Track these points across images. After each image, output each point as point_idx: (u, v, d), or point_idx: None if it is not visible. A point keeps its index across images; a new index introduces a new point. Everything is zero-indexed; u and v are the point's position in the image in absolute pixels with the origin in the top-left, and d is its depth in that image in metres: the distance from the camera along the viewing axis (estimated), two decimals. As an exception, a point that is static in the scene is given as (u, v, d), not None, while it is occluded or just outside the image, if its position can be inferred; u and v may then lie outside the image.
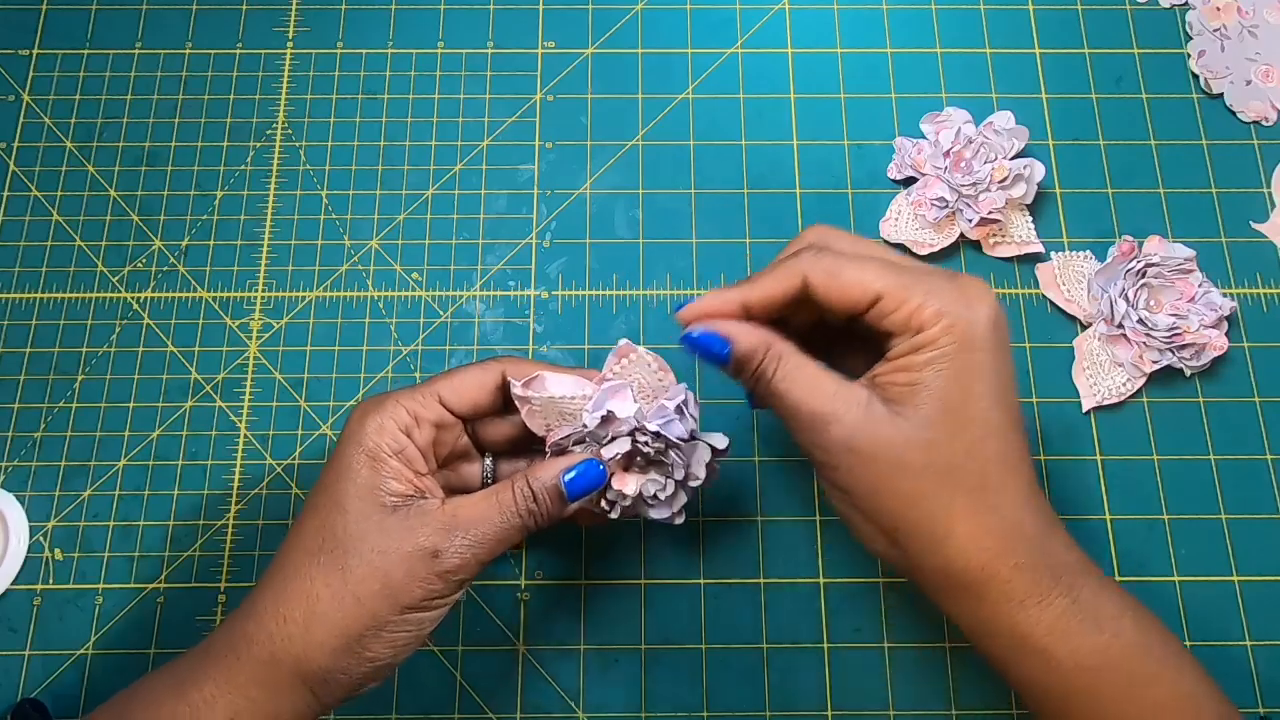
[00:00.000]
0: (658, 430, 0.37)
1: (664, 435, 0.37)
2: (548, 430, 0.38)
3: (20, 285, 0.50)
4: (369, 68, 0.54)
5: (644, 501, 0.39)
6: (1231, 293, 0.49)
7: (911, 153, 0.51)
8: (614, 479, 0.38)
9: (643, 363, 0.38)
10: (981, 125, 0.50)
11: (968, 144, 0.49)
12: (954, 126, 0.50)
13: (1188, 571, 0.45)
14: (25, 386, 0.48)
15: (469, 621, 0.45)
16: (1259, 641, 0.44)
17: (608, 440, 0.37)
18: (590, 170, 0.52)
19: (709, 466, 0.39)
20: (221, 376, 0.49)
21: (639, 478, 0.38)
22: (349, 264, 0.51)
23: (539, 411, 0.38)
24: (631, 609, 0.45)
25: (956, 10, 0.55)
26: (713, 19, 0.55)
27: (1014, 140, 0.49)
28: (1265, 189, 0.51)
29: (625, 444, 0.37)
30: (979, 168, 0.49)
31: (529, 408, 0.38)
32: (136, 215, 0.51)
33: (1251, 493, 0.46)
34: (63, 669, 0.44)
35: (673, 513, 0.39)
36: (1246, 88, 0.53)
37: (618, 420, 0.37)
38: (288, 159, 0.52)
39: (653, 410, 0.38)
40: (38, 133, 0.53)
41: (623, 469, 0.38)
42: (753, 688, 0.44)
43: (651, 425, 0.37)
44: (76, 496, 0.47)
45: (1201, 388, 0.48)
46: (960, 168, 0.49)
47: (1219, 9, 0.54)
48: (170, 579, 0.45)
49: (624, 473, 0.38)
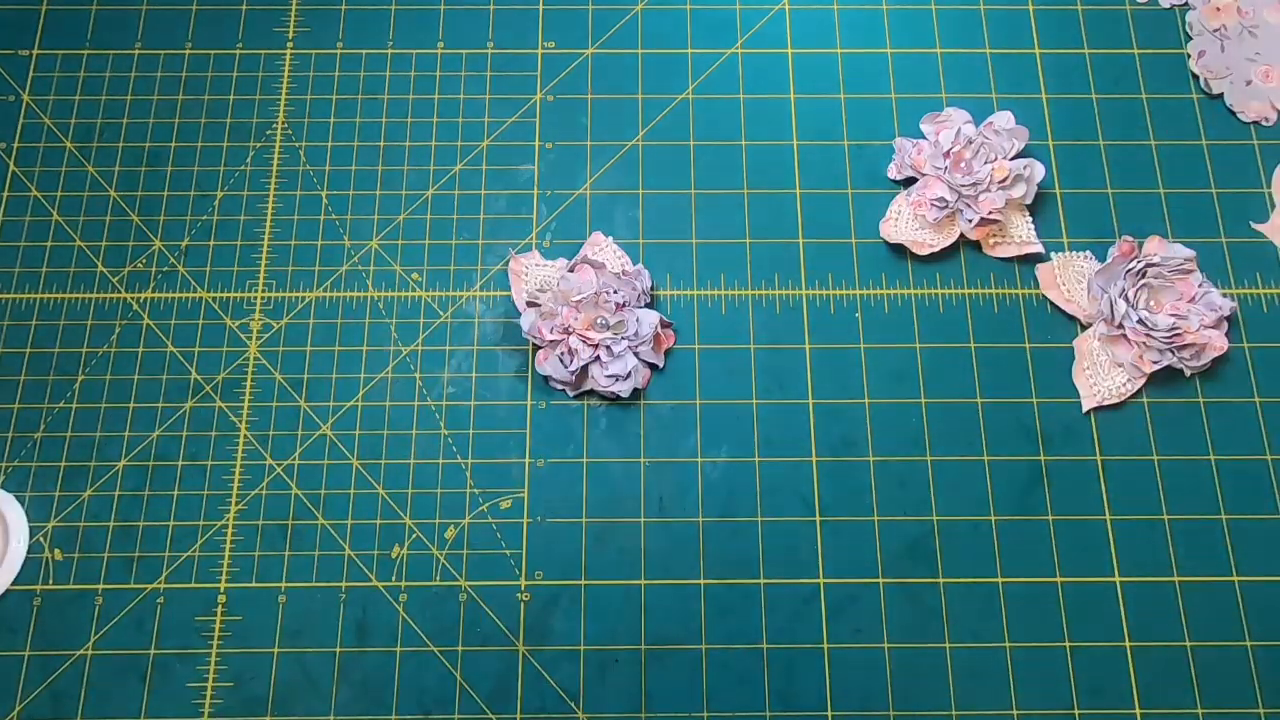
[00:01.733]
0: (617, 288, 0.46)
1: (620, 290, 0.46)
2: (525, 299, 0.47)
3: (20, 285, 0.50)
4: (369, 68, 0.54)
5: (599, 359, 0.46)
6: (1231, 293, 0.49)
7: (911, 153, 0.51)
8: (578, 332, 0.46)
9: (610, 247, 0.49)
10: (981, 125, 0.50)
11: (968, 144, 0.49)
12: (954, 127, 0.50)
13: (1188, 571, 0.45)
14: (25, 386, 0.48)
15: (469, 621, 0.45)
16: (1259, 642, 0.44)
17: (576, 297, 0.46)
18: (590, 170, 0.52)
19: (656, 335, 0.47)
20: (221, 376, 0.49)
21: (600, 333, 0.46)
22: (349, 264, 0.51)
23: (526, 281, 0.47)
24: (631, 609, 0.45)
25: (956, 10, 0.55)
26: (713, 19, 0.55)
27: (1014, 140, 0.49)
28: (1265, 189, 0.51)
29: (590, 288, 0.46)
30: (979, 168, 0.49)
31: (517, 279, 0.46)
32: (136, 215, 0.51)
33: (1251, 493, 0.46)
34: (63, 669, 0.44)
35: (620, 375, 0.46)
36: (1246, 88, 0.53)
37: (586, 274, 0.47)
38: (288, 159, 0.52)
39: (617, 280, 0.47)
40: (38, 133, 0.53)
41: (589, 325, 0.47)
42: (753, 688, 0.44)
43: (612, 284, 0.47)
44: (76, 496, 0.47)
45: (1201, 388, 0.48)
46: (960, 168, 0.49)
47: (1219, 9, 0.54)
48: (170, 579, 0.45)
49: (589, 328, 0.46)
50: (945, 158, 0.50)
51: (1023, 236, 0.50)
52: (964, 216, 0.49)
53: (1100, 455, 0.47)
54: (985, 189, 0.48)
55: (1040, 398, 0.48)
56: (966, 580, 0.45)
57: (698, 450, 0.47)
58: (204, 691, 0.44)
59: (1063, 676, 0.44)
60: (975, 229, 0.49)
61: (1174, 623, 0.44)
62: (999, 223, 0.49)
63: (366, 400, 0.48)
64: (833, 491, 0.46)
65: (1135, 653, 0.44)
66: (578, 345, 0.46)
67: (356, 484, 0.47)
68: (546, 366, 0.47)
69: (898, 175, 0.51)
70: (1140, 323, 0.46)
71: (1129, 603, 0.45)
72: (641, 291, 0.48)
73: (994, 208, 0.48)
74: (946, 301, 0.50)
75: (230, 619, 0.45)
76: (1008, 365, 0.48)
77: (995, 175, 0.48)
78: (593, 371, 0.47)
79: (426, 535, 0.46)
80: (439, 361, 0.49)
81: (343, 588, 0.45)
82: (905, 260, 0.50)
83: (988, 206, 0.48)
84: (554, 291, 0.47)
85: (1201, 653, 0.44)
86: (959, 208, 0.49)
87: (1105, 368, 0.48)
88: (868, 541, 0.46)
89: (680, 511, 0.46)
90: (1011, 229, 0.50)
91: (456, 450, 0.47)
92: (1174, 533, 0.46)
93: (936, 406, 0.48)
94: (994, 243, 0.50)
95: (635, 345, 0.47)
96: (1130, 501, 0.46)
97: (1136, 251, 0.48)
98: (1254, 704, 0.43)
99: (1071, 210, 0.51)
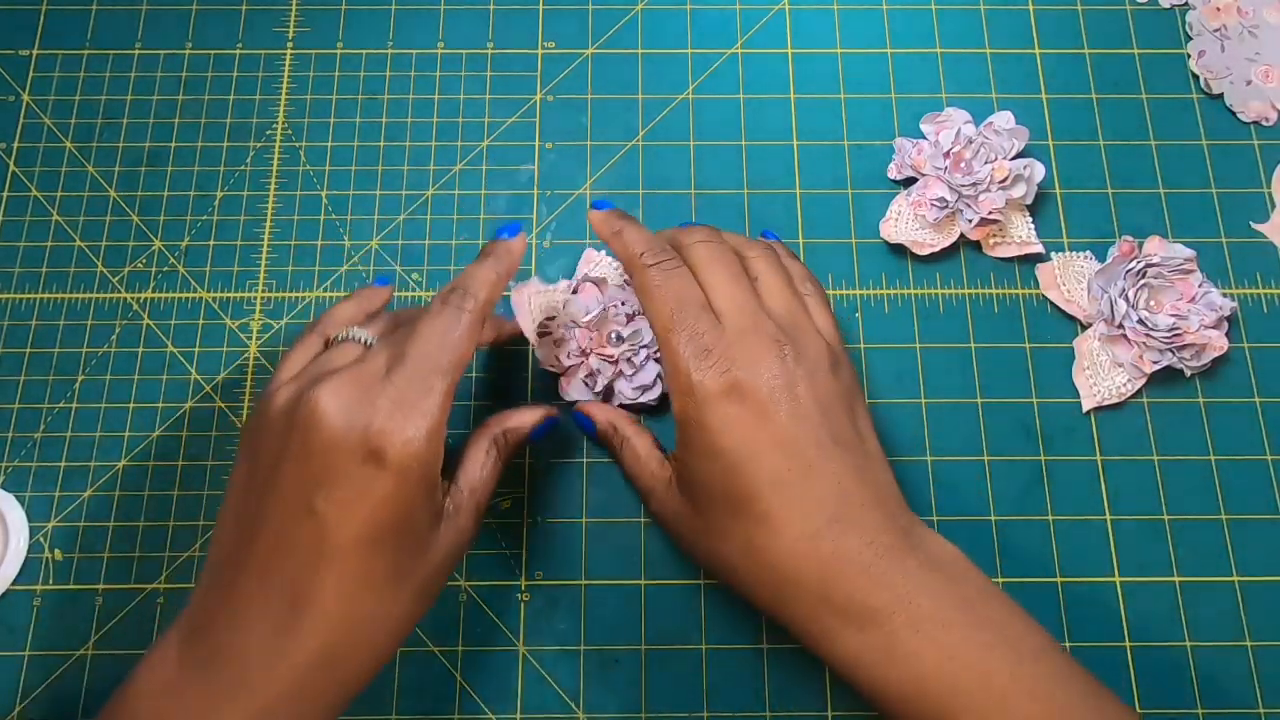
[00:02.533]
0: (624, 300, 0.46)
1: (627, 301, 0.46)
2: (535, 330, 0.46)
3: (20, 285, 0.50)
4: (369, 68, 0.54)
5: (622, 374, 0.45)
6: (1231, 293, 0.49)
7: (911, 153, 0.51)
8: (595, 351, 0.45)
9: (605, 261, 0.49)
10: (981, 125, 0.50)
11: (967, 144, 0.49)
12: (954, 127, 0.50)
13: (1188, 571, 0.45)
14: (25, 386, 0.48)
15: (469, 621, 0.45)
16: (1259, 642, 0.44)
17: (585, 317, 0.46)
18: (590, 170, 0.52)
19: None
20: (221, 377, 0.49)
21: (617, 347, 0.46)
22: (349, 264, 0.51)
23: (529, 312, 0.45)
24: (631, 609, 0.45)
25: (956, 10, 0.55)
26: (713, 19, 0.55)
27: (1014, 140, 0.49)
28: (1265, 189, 0.51)
29: (598, 305, 0.46)
30: (979, 168, 0.49)
31: (521, 311, 0.45)
32: (136, 215, 0.51)
33: (1251, 493, 0.46)
34: (63, 669, 0.44)
35: (646, 385, 0.45)
36: (1246, 88, 0.53)
37: (590, 292, 0.47)
38: (288, 159, 0.52)
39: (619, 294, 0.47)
40: (38, 133, 0.53)
41: (604, 342, 0.46)
42: (752, 688, 0.44)
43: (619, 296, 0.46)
44: (76, 496, 0.47)
45: (1201, 388, 0.48)
46: (960, 168, 0.49)
47: (1219, 9, 0.54)
48: (170, 579, 0.45)
49: (605, 345, 0.46)
50: (945, 158, 0.50)
51: (1023, 237, 0.50)
52: (964, 217, 0.49)
53: (1100, 455, 0.47)
54: (985, 189, 0.48)
55: (1040, 398, 0.48)
56: (966, 580, 0.45)
57: (698, 450, 0.47)
58: (204, 691, 0.44)
59: (1063, 676, 0.44)
60: (975, 229, 0.49)
61: (1174, 623, 0.44)
62: (999, 223, 0.49)
63: (366, 400, 0.48)
64: (833, 491, 0.46)
65: (1135, 653, 0.44)
66: (599, 364, 0.46)
67: (356, 484, 0.47)
68: (571, 392, 0.46)
69: (898, 175, 0.51)
70: (1140, 323, 0.46)
71: (1129, 603, 0.45)
72: None
73: (994, 208, 0.48)
74: (946, 301, 0.50)
75: (230, 619, 0.45)
76: (1008, 365, 0.48)
77: (995, 175, 0.48)
78: (618, 386, 0.46)
79: (426, 535, 0.46)
80: (439, 361, 0.49)
81: (343, 588, 0.45)
82: (905, 260, 0.50)
83: (988, 206, 0.48)
84: (562, 316, 0.47)
85: (1201, 653, 0.44)
86: (959, 208, 0.49)
87: (1105, 368, 0.48)
88: (868, 541, 0.46)
89: (680, 511, 0.46)
90: (1011, 229, 0.50)
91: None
92: (1174, 533, 0.46)
93: (936, 406, 0.48)
94: (994, 243, 0.50)
95: (654, 352, 0.46)
96: (1130, 501, 0.46)
97: (1136, 252, 0.48)
98: (1254, 704, 0.43)
99: (1071, 210, 0.51)
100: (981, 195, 0.49)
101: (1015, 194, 0.49)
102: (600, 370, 0.46)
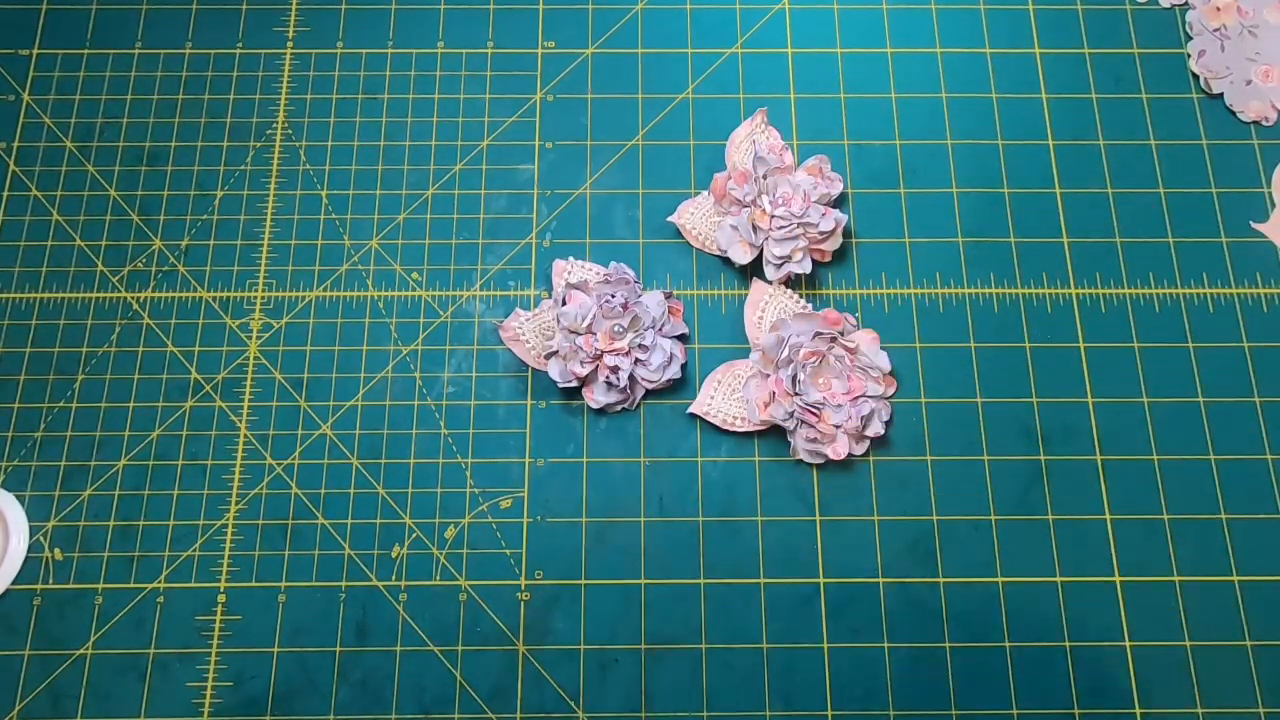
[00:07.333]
0: (612, 293, 0.46)
1: (615, 292, 0.46)
2: (540, 354, 0.46)
3: (20, 285, 0.50)
4: (369, 68, 0.54)
5: (639, 361, 0.46)
6: (1231, 293, 0.49)
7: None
8: (606, 351, 0.45)
9: (576, 264, 0.49)
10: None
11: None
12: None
13: (1188, 571, 0.45)
14: (25, 386, 0.48)
15: (469, 621, 0.45)
16: (1259, 641, 0.44)
17: (583, 323, 0.46)
18: (590, 170, 0.52)
19: (670, 307, 0.48)
20: (221, 376, 0.49)
21: (624, 338, 0.46)
22: (349, 264, 0.51)
23: (524, 343, 0.46)
24: (631, 609, 0.45)
25: (956, 10, 0.55)
26: (713, 19, 0.55)
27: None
28: (1265, 189, 0.51)
29: (591, 306, 0.46)
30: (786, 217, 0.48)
31: (516, 343, 0.45)
32: (136, 215, 0.51)
33: (1251, 493, 0.46)
34: (63, 669, 0.44)
35: (663, 364, 0.46)
36: (1246, 88, 0.53)
37: (577, 298, 0.46)
38: (288, 159, 0.52)
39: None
40: (38, 133, 0.53)
41: (610, 339, 0.46)
42: (753, 688, 0.44)
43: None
44: (76, 496, 0.47)
45: (1202, 388, 0.48)
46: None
47: (1219, 9, 0.54)
48: (170, 579, 0.45)
49: (612, 340, 0.46)
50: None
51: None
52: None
53: (1100, 455, 0.47)
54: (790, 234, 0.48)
55: (1040, 398, 0.48)
56: (966, 580, 0.45)
57: (698, 450, 0.47)
58: (204, 691, 0.44)
59: (1063, 676, 0.44)
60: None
61: (1174, 623, 0.45)
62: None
63: (366, 400, 0.48)
64: (833, 491, 0.46)
65: (1135, 653, 0.44)
66: (614, 361, 0.46)
67: (356, 483, 0.47)
68: (598, 397, 0.47)
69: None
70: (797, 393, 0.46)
71: (1129, 603, 0.45)
72: (631, 281, 0.48)
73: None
74: (947, 301, 0.50)
75: (230, 618, 0.45)
76: (1008, 365, 0.48)
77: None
78: (639, 374, 0.47)
79: (426, 535, 0.46)
80: (439, 361, 0.49)
81: (343, 587, 0.45)
82: (906, 260, 0.50)
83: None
84: (562, 331, 0.46)
85: (1201, 653, 0.44)
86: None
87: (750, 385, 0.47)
88: (868, 541, 0.46)
89: (680, 511, 0.46)
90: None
91: (456, 450, 0.47)
92: (1174, 533, 0.46)
93: (936, 406, 0.48)
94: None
95: (659, 328, 0.47)
96: (1130, 501, 0.46)
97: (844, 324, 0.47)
98: (1254, 704, 0.43)
99: (1071, 210, 0.51)
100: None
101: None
102: (618, 366, 0.46)
